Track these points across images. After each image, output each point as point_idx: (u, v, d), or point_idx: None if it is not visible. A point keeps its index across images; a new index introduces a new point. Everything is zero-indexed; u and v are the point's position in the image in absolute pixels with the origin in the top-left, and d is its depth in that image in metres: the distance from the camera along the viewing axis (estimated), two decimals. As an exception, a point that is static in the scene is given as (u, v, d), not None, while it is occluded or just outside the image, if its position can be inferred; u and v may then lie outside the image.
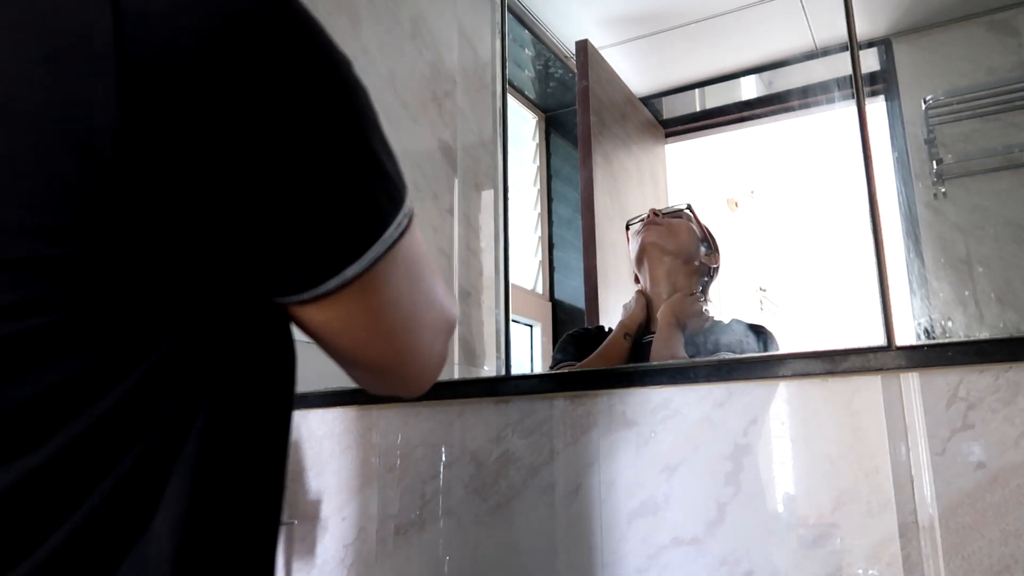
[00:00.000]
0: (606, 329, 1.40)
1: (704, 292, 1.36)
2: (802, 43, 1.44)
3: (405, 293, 0.51)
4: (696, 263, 1.36)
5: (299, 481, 1.32)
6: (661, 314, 1.30)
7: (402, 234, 0.49)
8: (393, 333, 0.52)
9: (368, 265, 0.47)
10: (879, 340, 0.99)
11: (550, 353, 1.60)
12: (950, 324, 1.10)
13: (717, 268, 1.38)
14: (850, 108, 1.11)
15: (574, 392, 1.14)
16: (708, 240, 1.39)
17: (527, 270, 1.66)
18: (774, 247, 1.44)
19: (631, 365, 1.23)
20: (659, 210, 1.40)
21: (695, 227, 1.39)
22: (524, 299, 1.62)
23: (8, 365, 0.38)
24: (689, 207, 1.41)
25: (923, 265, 1.16)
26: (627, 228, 1.47)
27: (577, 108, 1.56)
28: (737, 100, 1.58)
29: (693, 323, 1.29)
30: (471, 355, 1.46)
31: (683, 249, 1.36)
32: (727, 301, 1.44)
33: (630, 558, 1.05)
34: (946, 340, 1.06)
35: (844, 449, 0.97)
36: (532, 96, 1.77)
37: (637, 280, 1.41)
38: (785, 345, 1.19)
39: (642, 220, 1.41)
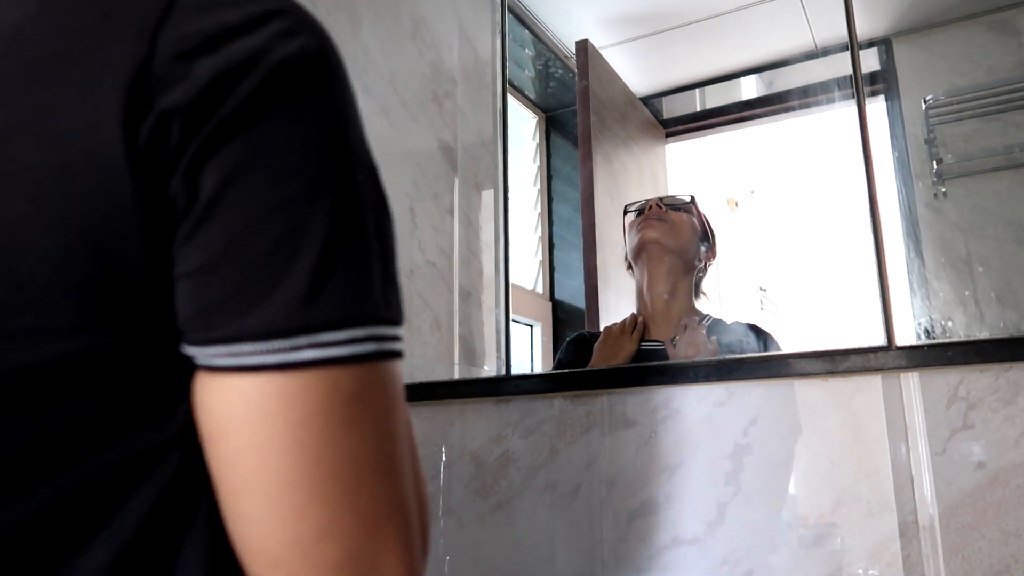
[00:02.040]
0: None
1: (697, 287, 1.36)
2: (802, 43, 1.44)
3: (364, 451, 0.38)
4: (695, 261, 1.36)
5: (299, 481, 1.32)
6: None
7: (389, 356, 0.39)
8: (324, 493, 0.37)
9: (330, 358, 0.37)
10: (879, 340, 0.99)
11: (550, 353, 1.60)
12: (950, 324, 1.10)
13: (712, 262, 1.38)
14: (850, 108, 1.11)
15: (574, 392, 1.14)
16: (709, 236, 1.39)
17: (527, 270, 1.66)
18: (774, 247, 1.44)
19: (631, 365, 1.23)
20: (662, 200, 1.39)
21: (697, 222, 1.38)
22: (524, 299, 1.62)
23: (31, 397, 0.35)
24: (693, 199, 1.40)
25: (923, 265, 1.16)
26: (624, 213, 1.45)
27: (577, 108, 1.56)
28: (737, 100, 1.58)
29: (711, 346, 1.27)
30: (471, 355, 1.46)
31: (684, 248, 1.35)
32: (727, 301, 1.44)
33: (630, 558, 1.05)
34: (946, 340, 1.06)
35: (844, 449, 0.97)
36: (532, 96, 1.77)
37: (630, 268, 1.40)
38: (785, 345, 1.19)
39: (642, 210, 1.39)
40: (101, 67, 0.36)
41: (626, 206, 1.45)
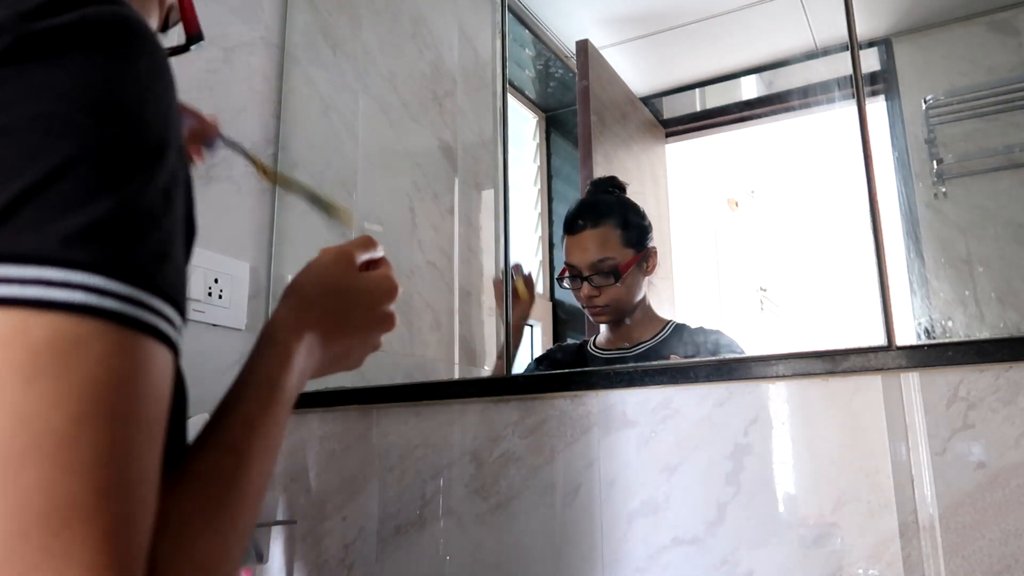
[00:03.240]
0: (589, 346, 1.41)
1: (646, 297, 1.37)
2: (802, 43, 1.44)
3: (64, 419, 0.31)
4: (640, 290, 1.36)
5: (300, 481, 1.32)
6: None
7: (129, 322, 0.33)
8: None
9: (6, 297, 0.31)
10: (879, 340, 0.99)
11: (550, 353, 1.60)
12: (950, 324, 1.10)
13: (654, 257, 1.38)
14: (850, 108, 1.11)
15: (574, 392, 1.14)
16: (643, 254, 1.36)
17: (527, 270, 1.66)
18: (774, 247, 1.44)
19: (631, 365, 1.23)
20: (591, 280, 1.34)
21: (631, 259, 1.35)
22: (524, 299, 1.61)
23: None
24: (617, 236, 1.36)
25: (923, 265, 1.16)
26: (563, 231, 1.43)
27: (577, 108, 1.56)
28: (737, 100, 1.58)
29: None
30: (471, 355, 1.46)
31: (628, 300, 1.35)
32: (727, 301, 1.44)
33: (630, 558, 1.05)
34: (946, 340, 1.06)
35: (844, 449, 0.97)
36: (532, 96, 1.77)
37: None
38: (785, 345, 1.19)
39: (575, 275, 1.36)
40: None
41: (564, 229, 1.42)
